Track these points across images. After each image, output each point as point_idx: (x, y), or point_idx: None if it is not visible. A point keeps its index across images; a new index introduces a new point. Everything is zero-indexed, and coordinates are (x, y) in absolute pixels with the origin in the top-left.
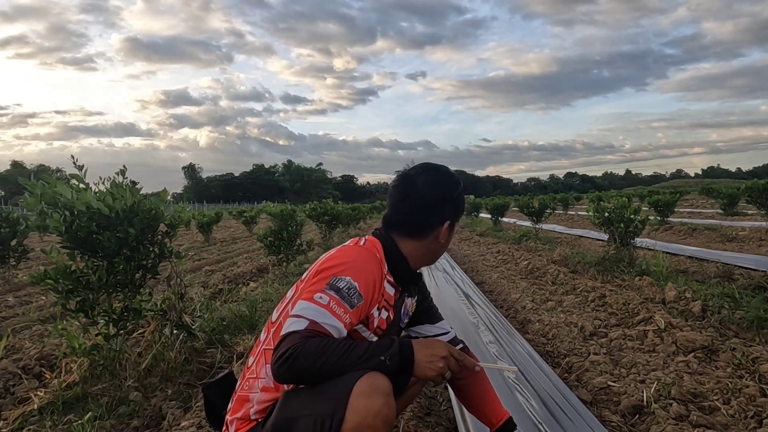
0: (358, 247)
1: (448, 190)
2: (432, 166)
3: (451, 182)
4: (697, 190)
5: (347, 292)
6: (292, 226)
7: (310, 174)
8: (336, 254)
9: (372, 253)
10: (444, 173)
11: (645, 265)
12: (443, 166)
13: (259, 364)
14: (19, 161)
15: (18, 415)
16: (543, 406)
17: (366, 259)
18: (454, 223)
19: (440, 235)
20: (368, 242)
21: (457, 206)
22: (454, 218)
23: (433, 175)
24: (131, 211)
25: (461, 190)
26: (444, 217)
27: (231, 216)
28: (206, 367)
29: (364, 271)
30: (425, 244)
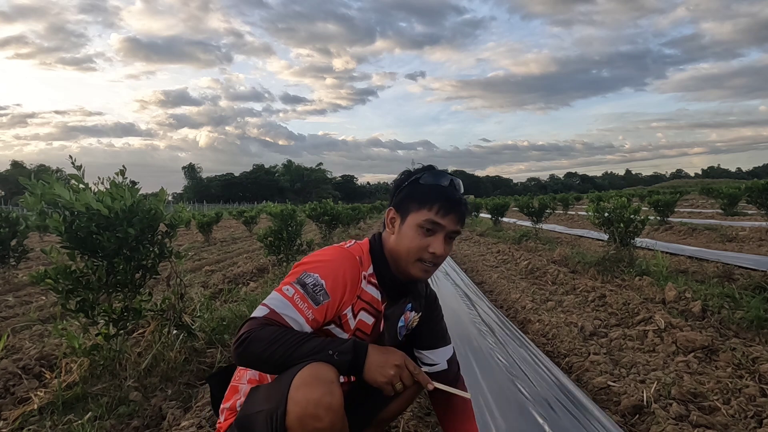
0: (338, 248)
1: (403, 177)
2: (426, 166)
3: (414, 171)
4: (697, 190)
5: (312, 288)
6: (292, 226)
7: (310, 174)
8: (316, 252)
9: (350, 254)
10: (423, 167)
11: (645, 265)
12: (434, 167)
13: None
14: (19, 161)
15: (18, 415)
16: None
17: (341, 259)
18: (402, 212)
19: (386, 224)
20: (356, 245)
21: (406, 194)
22: (399, 206)
23: (418, 168)
24: (131, 212)
25: (419, 179)
26: (391, 203)
27: (231, 216)
28: (206, 367)
29: (334, 270)
30: (392, 236)
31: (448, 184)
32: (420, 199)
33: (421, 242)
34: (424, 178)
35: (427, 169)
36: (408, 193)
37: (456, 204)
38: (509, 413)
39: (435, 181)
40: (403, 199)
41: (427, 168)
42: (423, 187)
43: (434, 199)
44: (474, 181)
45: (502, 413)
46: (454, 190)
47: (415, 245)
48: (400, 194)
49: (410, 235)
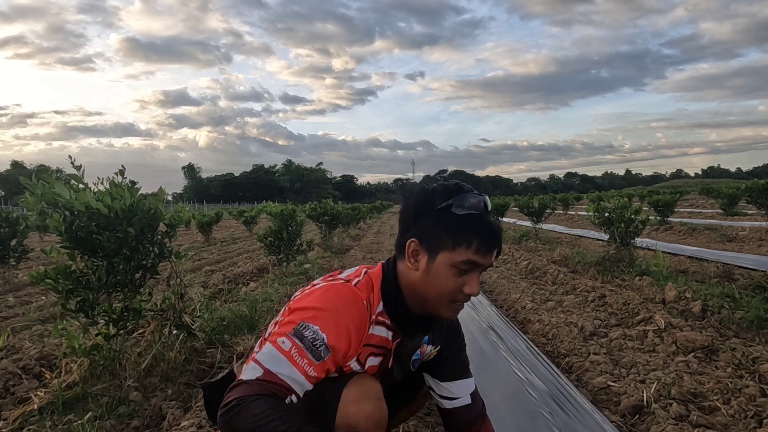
0: (342, 289)
1: (425, 200)
2: (448, 179)
3: (438, 193)
4: (697, 190)
5: (312, 343)
6: (292, 226)
7: (310, 174)
8: (314, 294)
9: (356, 297)
10: (445, 184)
11: (645, 265)
12: (460, 182)
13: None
14: (19, 161)
15: (18, 415)
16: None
17: (345, 306)
18: (429, 248)
19: (407, 258)
20: (365, 279)
21: (434, 226)
22: (425, 240)
23: (436, 185)
24: (130, 211)
25: (450, 207)
26: (411, 232)
27: (231, 216)
28: (206, 367)
29: (337, 321)
30: (415, 272)
31: (484, 211)
32: (454, 235)
33: (456, 283)
34: (456, 206)
35: (453, 190)
36: (437, 224)
37: (497, 236)
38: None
39: (470, 210)
40: (430, 232)
41: (452, 188)
42: (455, 218)
43: (472, 234)
44: (474, 181)
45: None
46: (489, 216)
47: (449, 288)
48: (425, 223)
49: (443, 276)
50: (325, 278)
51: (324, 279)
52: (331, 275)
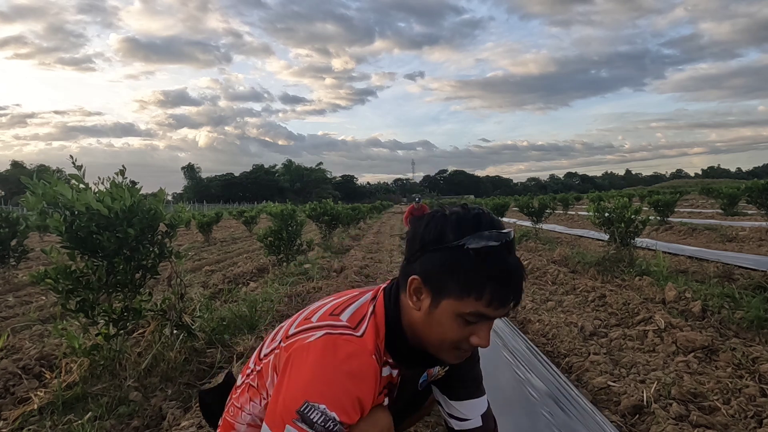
0: (347, 350)
1: (435, 231)
2: (470, 207)
3: (450, 225)
4: (697, 190)
5: (323, 426)
6: (292, 226)
7: (309, 174)
8: (315, 355)
9: (366, 357)
10: (461, 215)
11: (645, 265)
12: (480, 212)
13: (244, 396)
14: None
15: (18, 415)
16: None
17: (353, 372)
18: (434, 291)
19: (408, 295)
20: (371, 326)
21: (442, 265)
22: (430, 280)
23: (451, 214)
24: (130, 212)
25: (463, 245)
26: (415, 266)
27: (231, 216)
28: (206, 367)
29: (347, 393)
30: (416, 312)
31: (504, 254)
32: (463, 282)
33: (462, 333)
34: (471, 242)
35: (469, 225)
36: (443, 265)
37: (515, 287)
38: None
39: (486, 252)
40: (436, 273)
41: (468, 222)
42: (467, 260)
43: (485, 283)
44: (474, 181)
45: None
46: (512, 260)
47: (453, 337)
48: (431, 259)
49: (446, 325)
50: (325, 316)
51: (324, 318)
52: (333, 312)
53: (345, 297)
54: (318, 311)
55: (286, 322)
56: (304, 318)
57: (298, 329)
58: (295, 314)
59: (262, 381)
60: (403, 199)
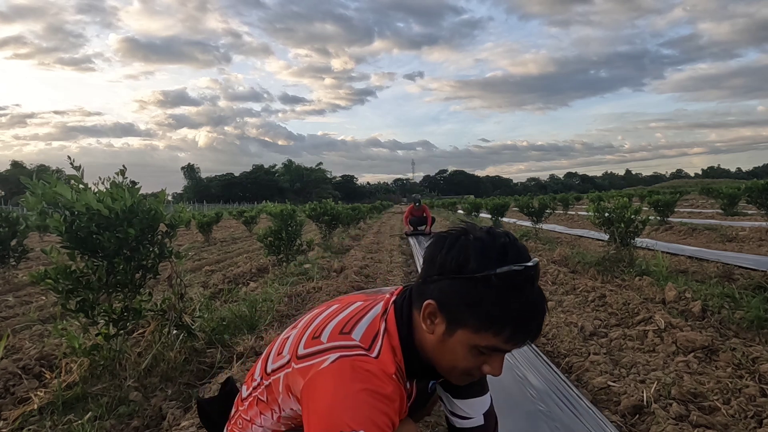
0: (360, 372)
1: (457, 258)
2: (496, 233)
3: (474, 254)
4: (697, 190)
5: None
6: (292, 226)
7: (309, 174)
8: (332, 386)
9: (387, 379)
10: (485, 242)
11: (645, 265)
12: (506, 242)
13: (252, 409)
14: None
15: (18, 415)
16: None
17: (375, 391)
18: (449, 319)
19: (422, 318)
20: (384, 345)
21: (461, 295)
22: (446, 308)
23: (475, 239)
24: (131, 212)
25: (491, 277)
26: (431, 289)
27: (231, 216)
28: (206, 367)
29: (376, 411)
30: (429, 335)
31: (531, 288)
32: (481, 316)
33: (475, 363)
34: (495, 276)
35: (494, 257)
36: (462, 295)
37: (537, 324)
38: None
39: (512, 287)
40: (453, 301)
41: (494, 254)
42: (487, 293)
43: (505, 320)
44: (474, 181)
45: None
46: (536, 296)
47: (463, 366)
48: (449, 286)
49: (459, 354)
50: (335, 335)
51: (335, 337)
52: (343, 330)
53: (352, 309)
54: (325, 326)
55: (290, 331)
56: (312, 335)
57: (309, 351)
58: (299, 322)
59: (272, 396)
60: (403, 199)
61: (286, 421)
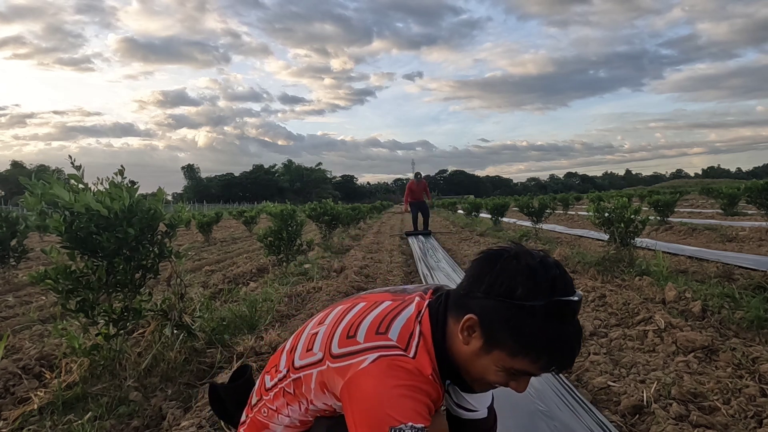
0: (406, 371)
1: (506, 282)
2: (548, 263)
3: (522, 281)
4: (697, 190)
5: None
6: (292, 226)
7: (309, 174)
8: (374, 384)
9: (425, 378)
10: (536, 272)
11: (645, 265)
12: (555, 275)
13: (279, 400)
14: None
15: (18, 415)
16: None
17: (414, 386)
18: (487, 339)
19: (459, 329)
20: (421, 346)
21: (501, 314)
22: (484, 323)
23: (526, 265)
24: (130, 211)
25: (534, 307)
26: (473, 304)
27: (231, 216)
28: (206, 367)
29: (418, 402)
30: (464, 346)
31: (572, 322)
32: (524, 344)
33: (503, 381)
34: (541, 309)
35: (544, 290)
36: (505, 320)
37: (572, 356)
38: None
39: (556, 321)
40: (495, 323)
41: (544, 286)
42: (534, 324)
43: (543, 349)
44: (474, 181)
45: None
46: (575, 330)
47: (491, 381)
48: (493, 307)
49: (490, 371)
50: (371, 334)
51: (371, 337)
52: (379, 330)
53: (383, 309)
54: (358, 325)
55: (317, 326)
56: (346, 334)
57: (346, 350)
58: (325, 317)
59: (301, 390)
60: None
61: (314, 412)
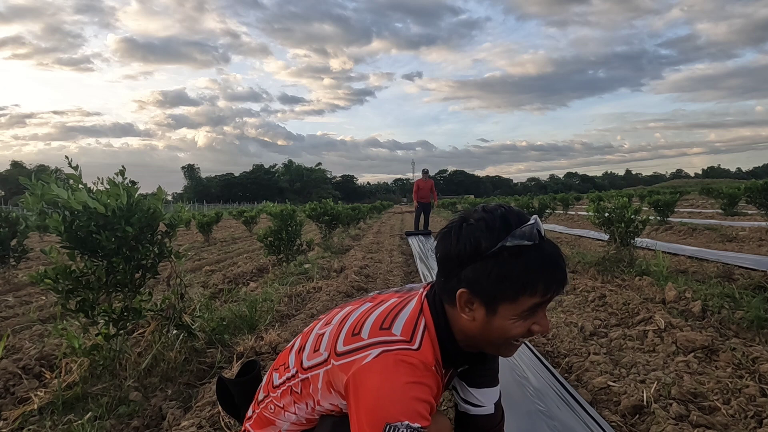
0: (410, 365)
1: (470, 246)
2: (491, 208)
3: (483, 236)
4: (697, 190)
5: None
6: (292, 226)
7: (309, 174)
8: (376, 379)
9: (428, 370)
10: (489, 222)
11: (645, 265)
12: (505, 213)
13: (286, 398)
14: (19, 161)
15: (18, 415)
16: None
17: (417, 382)
18: (487, 302)
19: (459, 308)
20: (425, 337)
21: (490, 276)
22: (481, 293)
23: (480, 218)
24: (129, 210)
25: (504, 248)
26: (458, 280)
27: (231, 216)
28: (206, 367)
29: (418, 401)
30: (471, 322)
31: (542, 242)
32: (514, 284)
33: (524, 327)
34: (508, 247)
35: (500, 229)
36: (490, 274)
37: (561, 269)
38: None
39: (524, 250)
40: (484, 283)
41: (499, 227)
42: (510, 263)
43: (534, 277)
44: (474, 181)
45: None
46: (548, 247)
47: (515, 334)
48: (475, 271)
49: (508, 326)
50: (375, 330)
51: (375, 333)
52: (383, 326)
53: (388, 306)
54: (364, 323)
55: (324, 327)
56: (351, 332)
57: (350, 347)
58: (332, 318)
59: (308, 390)
60: (403, 199)
61: (320, 412)
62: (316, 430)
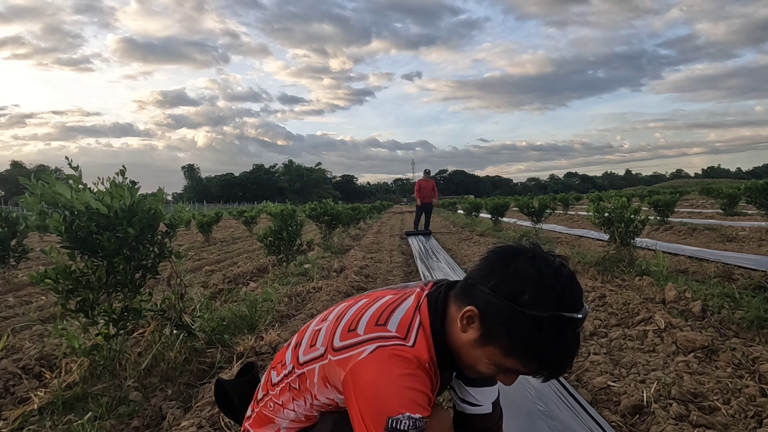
0: (404, 361)
1: (513, 287)
2: (557, 268)
3: (529, 291)
4: (697, 190)
5: (415, 428)
6: (292, 226)
7: (309, 174)
8: (372, 374)
9: (422, 367)
10: (545, 283)
11: (645, 265)
12: (563, 285)
13: (284, 395)
14: (19, 161)
15: (18, 415)
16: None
17: (413, 374)
18: (487, 336)
19: (459, 317)
20: (420, 335)
21: (503, 315)
22: (484, 318)
23: (538, 272)
24: (130, 211)
25: (542, 319)
26: (476, 295)
27: (231, 216)
28: (206, 367)
29: (416, 392)
30: (461, 333)
31: (571, 337)
32: (519, 348)
33: (492, 373)
34: (544, 320)
35: (551, 302)
36: (505, 321)
37: (566, 367)
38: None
39: (557, 334)
40: (495, 321)
41: (551, 298)
42: (533, 333)
43: (539, 359)
44: (474, 181)
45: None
46: (573, 343)
47: (481, 371)
48: (496, 306)
49: (482, 362)
50: (371, 326)
51: (371, 329)
52: (378, 322)
53: (384, 302)
54: (360, 319)
55: (320, 323)
56: (347, 328)
57: (346, 343)
58: (328, 314)
59: (305, 386)
60: (403, 199)
61: (318, 407)
62: (318, 428)
